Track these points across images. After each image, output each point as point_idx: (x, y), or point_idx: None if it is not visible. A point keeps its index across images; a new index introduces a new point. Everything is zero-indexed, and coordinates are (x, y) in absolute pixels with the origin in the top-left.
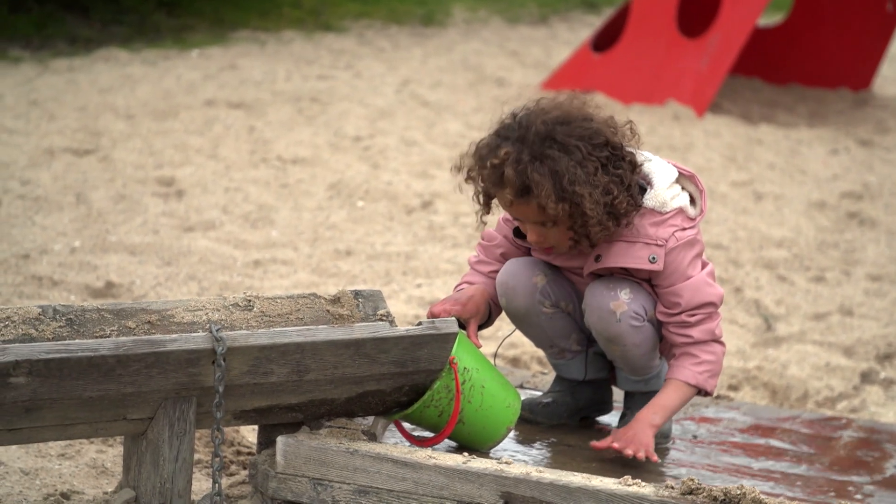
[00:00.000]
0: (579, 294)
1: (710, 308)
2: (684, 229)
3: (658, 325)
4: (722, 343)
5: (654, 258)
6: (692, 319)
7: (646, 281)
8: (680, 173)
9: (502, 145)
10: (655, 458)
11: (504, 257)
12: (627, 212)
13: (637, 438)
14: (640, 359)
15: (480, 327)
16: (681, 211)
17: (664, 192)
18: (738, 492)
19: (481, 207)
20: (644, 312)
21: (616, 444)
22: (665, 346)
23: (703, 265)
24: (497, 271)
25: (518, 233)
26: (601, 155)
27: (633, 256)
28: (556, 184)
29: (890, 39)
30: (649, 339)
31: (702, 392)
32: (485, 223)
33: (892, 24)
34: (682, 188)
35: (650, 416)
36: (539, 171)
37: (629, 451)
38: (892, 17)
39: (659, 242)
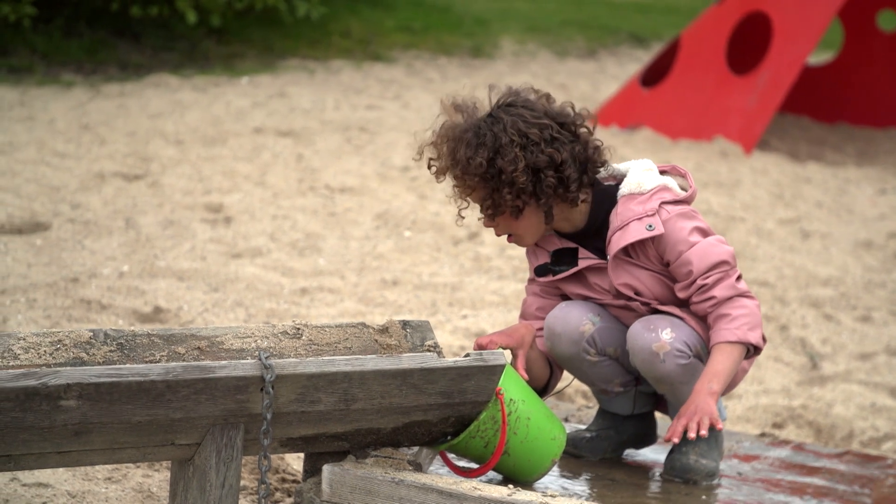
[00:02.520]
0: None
1: (723, 266)
2: (675, 203)
3: (706, 357)
4: (751, 296)
5: (650, 226)
6: (709, 281)
7: (663, 274)
8: (661, 170)
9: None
10: (720, 425)
11: (542, 312)
12: (551, 189)
13: (699, 409)
14: (688, 395)
15: (543, 390)
16: (664, 187)
17: (639, 175)
18: None
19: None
20: (688, 348)
21: (682, 422)
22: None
23: (708, 235)
24: (541, 328)
25: (539, 271)
26: (531, 132)
27: (630, 234)
28: (479, 146)
29: None
30: (696, 375)
31: (750, 349)
32: (462, 216)
33: None
34: (666, 177)
35: (706, 385)
36: (467, 140)
37: (692, 434)
38: None
39: (649, 213)
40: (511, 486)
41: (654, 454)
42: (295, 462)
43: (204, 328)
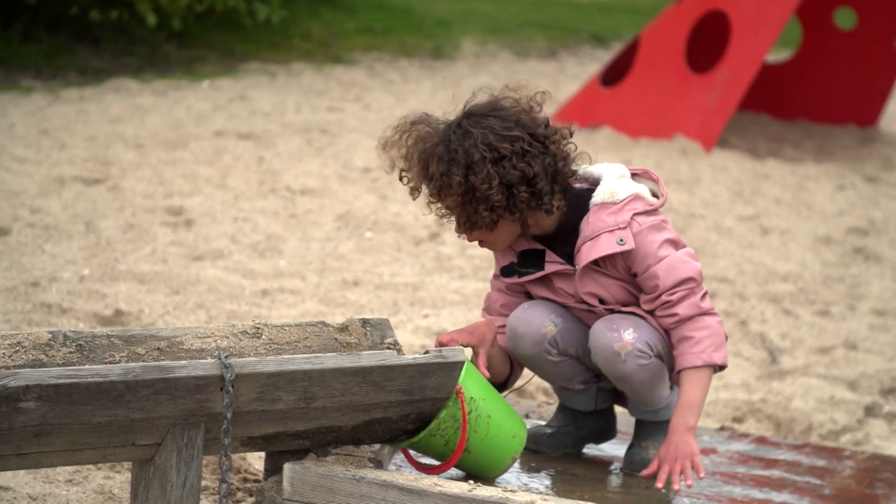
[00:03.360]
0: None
1: (689, 284)
2: (647, 213)
3: (667, 357)
4: (713, 314)
5: (621, 240)
6: (674, 298)
7: (630, 283)
8: (633, 173)
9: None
10: (702, 473)
11: (506, 308)
12: (524, 204)
13: (680, 452)
14: (649, 393)
15: (503, 385)
16: (636, 197)
17: (612, 183)
18: None
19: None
20: (650, 349)
21: (665, 469)
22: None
23: (679, 248)
24: (504, 325)
25: (505, 272)
26: (502, 146)
27: (601, 247)
28: (451, 163)
29: None
30: (657, 375)
31: (715, 369)
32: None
33: None
34: (638, 184)
35: (682, 421)
36: (439, 154)
37: (676, 486)
38: None
39: (621, 226)
40: (472, 481)
41: (613, 449)
42: (256, 462)
43: (164, 329)
